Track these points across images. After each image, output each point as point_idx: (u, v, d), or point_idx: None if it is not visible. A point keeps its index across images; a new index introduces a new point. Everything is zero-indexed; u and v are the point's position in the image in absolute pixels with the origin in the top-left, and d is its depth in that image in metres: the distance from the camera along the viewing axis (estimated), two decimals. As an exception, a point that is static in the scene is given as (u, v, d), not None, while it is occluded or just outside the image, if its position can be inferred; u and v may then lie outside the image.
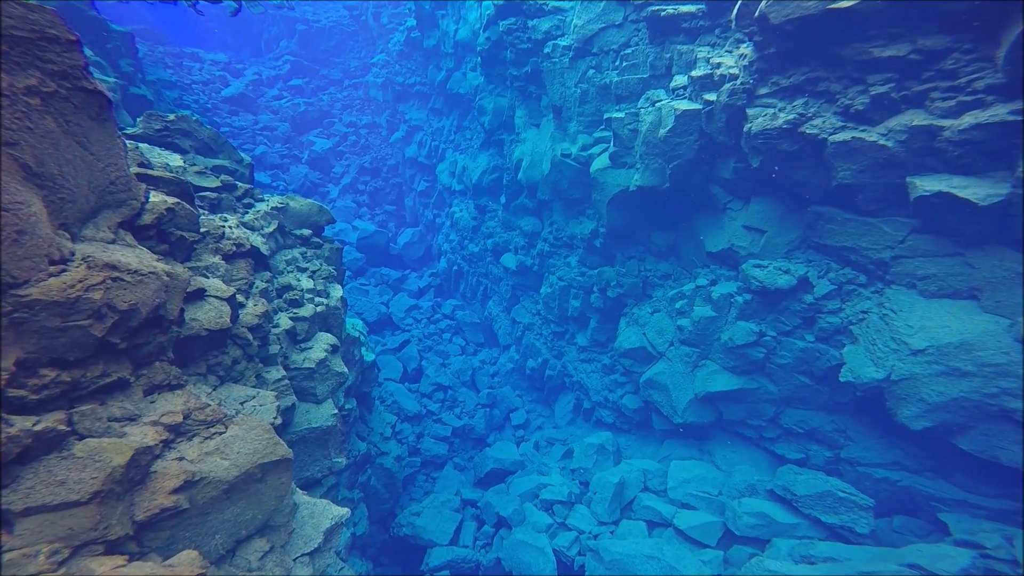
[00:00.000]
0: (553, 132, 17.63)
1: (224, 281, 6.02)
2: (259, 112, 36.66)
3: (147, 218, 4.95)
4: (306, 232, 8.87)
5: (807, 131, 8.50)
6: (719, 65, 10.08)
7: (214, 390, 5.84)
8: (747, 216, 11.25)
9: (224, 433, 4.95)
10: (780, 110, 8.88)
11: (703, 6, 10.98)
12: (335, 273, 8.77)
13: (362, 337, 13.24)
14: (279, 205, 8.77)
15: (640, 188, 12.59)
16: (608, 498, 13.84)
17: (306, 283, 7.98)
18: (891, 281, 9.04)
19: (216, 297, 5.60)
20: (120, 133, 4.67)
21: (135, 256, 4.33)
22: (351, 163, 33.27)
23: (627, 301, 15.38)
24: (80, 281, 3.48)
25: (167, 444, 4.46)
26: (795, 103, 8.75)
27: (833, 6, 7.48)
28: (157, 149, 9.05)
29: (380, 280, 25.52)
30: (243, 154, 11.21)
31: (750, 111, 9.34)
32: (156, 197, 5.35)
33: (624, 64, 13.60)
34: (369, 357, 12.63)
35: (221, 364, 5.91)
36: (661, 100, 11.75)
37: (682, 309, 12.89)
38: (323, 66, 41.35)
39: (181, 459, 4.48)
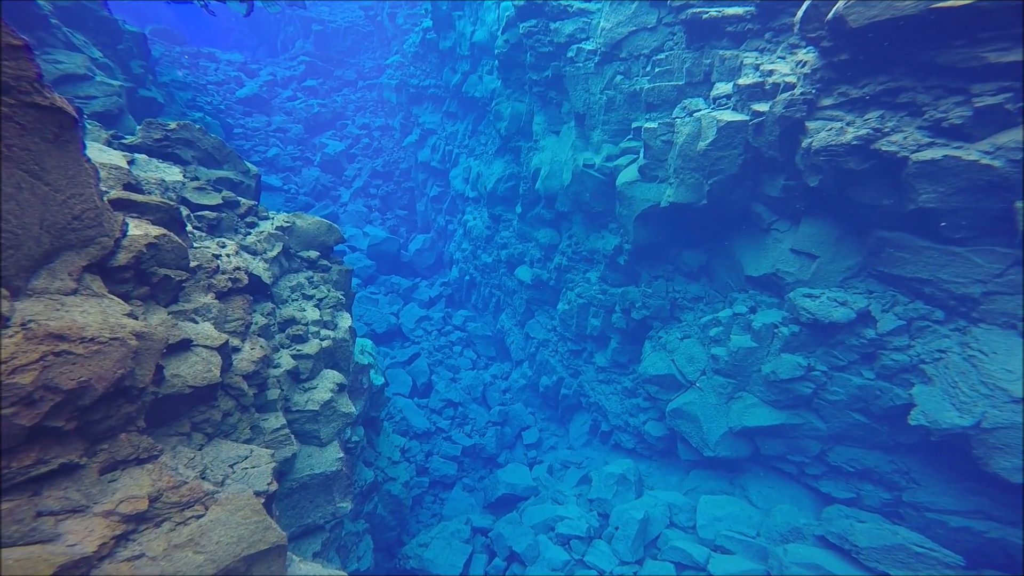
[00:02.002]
0: (575, 141, 16.72)
1: (217, 324, 5.23)
2: (273, 113, 36.31)
3: (122, 258, 4.15)
4: (313, 254, 8.09)
5: (883, 148, 7.46)
6: (771, 73, 9.09)
7: (199, 451, 5.04)
8: (796, 239, 10.21)
9: (203, 517, 4.12)
10: (849, 124, 7.86)
11: (752, 8, 9.99)
12: (343, 300, 7.98)
13: (371, 360, 12.45)
14: (285, 224, 7.99)
15: (673, 204, 11.62)
16: (631, 536, 12.86)
17: (312, 314, 7.18)
18: (979, 319, 7.95)
19: (205, 347, 4.79)
20: (87, 156, 3.85)
21: (98, 313, 3.51)
22: (363, 166, 32.70)
23: (653, 323, 14.39)
24: (3, 362, 2.67)
25: (122, 539, 3.62)
26: (867, 116, 7.71)
27: (941, 5, 6.39)
28: (155, 161, 8.34)
29: (390, 289, 24.82)
30: (249, 164, 10.49)
31: (810, 124, 8.33)
32: (137, 229, 4.56)
33: (656, 70, 12.64)
34: (378, 381, 11.84)
35: (209, 420, 5.10)
36: (700, 110, 10.78)
37: (717, 337, 11.88)
38: (338, 67, 40.94)
39: (139, 556, 3.64)
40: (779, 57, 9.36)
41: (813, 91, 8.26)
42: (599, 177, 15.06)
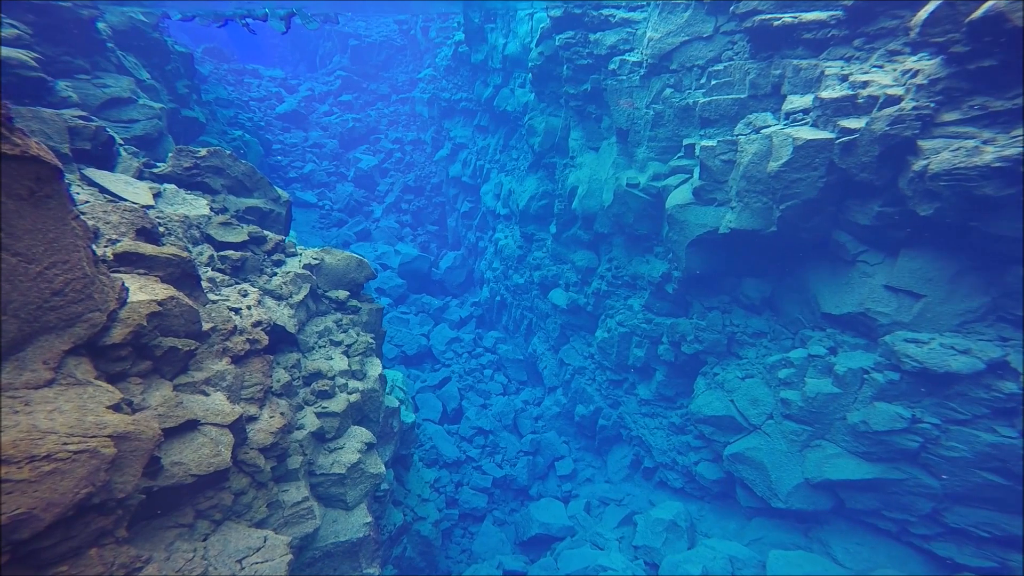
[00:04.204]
0: (616, 158, 15.68)
1: (231, 393, 4.53)
2: (310, 129, 37.11)
3: (117, 334, 3.47)
4: (342, 294, 7.43)
5: (1040, 171, 6.08)
6: (866, 84, 7.83)
7: (203, 542, 4.31)
8: (892, 274, 8.77)
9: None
10: (986, 142, 6.50)
11: (839, 12, 8.73)
12: (374, 343, 7.27)
13: (402, 396, 11.74)
14: (313, 261, 7.36)
15: (735, 231, 10.39)
16: (686, 598, 11.47)
17: (339, 363, 6.47)
18: None
19: (215, 425, 4.07)
20: (75, 212, 3.19)
21: (72, 411, 2.79)
22: (395, 181, 32.73)
23: (707, 359, 13.04)
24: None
25: None
26: (1015, 133, 6.32)
27: None
28: (183, 192, 7.95)
29: (421, 308, 24.37)
30: (280, 190, 10.07)
31: (925, 143, 7.01)
32: (141, 292, 3.90)
33: (713, 82, 11.50)
34: (409, 419, 11.10)
35: (218, 505, 4.38)
36: (769, 126, 9.57)
37: (788, 380, 10.47)
38: (372, 81, 41.62)
39: None
40: (874, 66, 8.05)
41: (931, 105, 6.94)
42: (644, 197, 13.94)
